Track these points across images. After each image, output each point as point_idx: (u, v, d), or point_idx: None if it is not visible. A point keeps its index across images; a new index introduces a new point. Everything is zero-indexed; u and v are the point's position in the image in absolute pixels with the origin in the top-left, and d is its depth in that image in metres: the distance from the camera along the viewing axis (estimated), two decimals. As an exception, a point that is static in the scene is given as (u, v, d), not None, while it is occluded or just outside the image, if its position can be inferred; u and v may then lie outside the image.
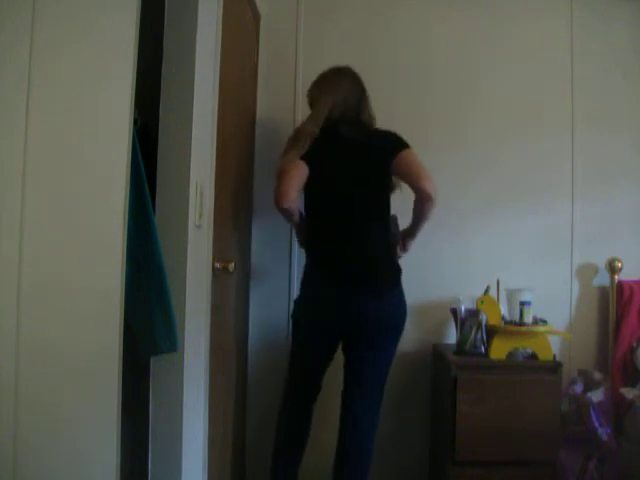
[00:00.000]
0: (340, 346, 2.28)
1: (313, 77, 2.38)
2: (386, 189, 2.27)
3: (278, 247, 2.63)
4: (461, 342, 2.43)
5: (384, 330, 2.20)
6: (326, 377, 2.33)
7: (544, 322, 2.44)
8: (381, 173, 2.22)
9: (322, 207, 2.25)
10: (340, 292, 2.13)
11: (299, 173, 2.17)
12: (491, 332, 2.40)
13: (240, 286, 2.48)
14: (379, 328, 2.18)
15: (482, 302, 2.40)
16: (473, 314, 2.43)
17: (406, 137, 2.32)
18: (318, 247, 2.25)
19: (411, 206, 2.22)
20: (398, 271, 2.24)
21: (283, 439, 2.30)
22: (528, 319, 2.38)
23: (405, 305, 2.24)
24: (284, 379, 2.35)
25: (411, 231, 2.33)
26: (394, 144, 2.21)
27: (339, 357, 2.29)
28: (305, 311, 2.23)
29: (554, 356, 2.39)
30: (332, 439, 2.24)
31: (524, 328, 2.37)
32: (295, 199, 2.17)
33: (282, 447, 2.30)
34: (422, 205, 2.17)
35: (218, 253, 1.95)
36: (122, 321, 1.28)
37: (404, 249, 2.39)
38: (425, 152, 2.69)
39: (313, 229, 2.28)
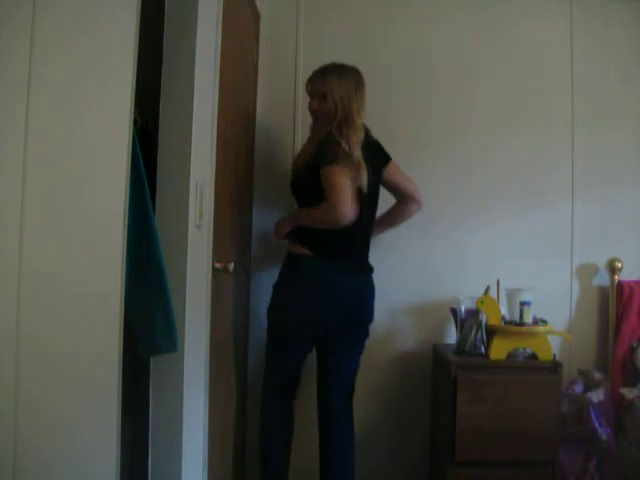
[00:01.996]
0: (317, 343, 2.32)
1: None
2: None
3: (278, 247, 2.62)
4: (461, 342, 2.43)
5: (371, 317, 2.33)
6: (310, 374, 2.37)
7: (544, 322, 2.44)
8: (380, 178, 2.31)
9: None
10: (353, 279, 2.22)
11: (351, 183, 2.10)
12: (491, 332, 2.40)
13: (240, 286, 2.48)
14: (370, 314, 2.31)
15: (482, 302, 2.40)
16: (473, 314, 2.43)
17: (406, 137, 2.34)
18: (337, 242, 2.19)
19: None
20: None
21: (272, 439, 2.32)
22: (528, 319, 2.38)
23: None
24: (264, 379, 2.35)
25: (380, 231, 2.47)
26: (385, 152, 2.33)
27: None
28: (311, 305, 2.19)
29: (554, 356, 2.39)
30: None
31: (524, 328, 2.37)
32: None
33: (272, 447, 2.32)
34: (411, 212, 2.42)
35: (218, 253, 1.96)
36: (122, 321, 1.28)
37: None
38: (425, 152, 2.71)
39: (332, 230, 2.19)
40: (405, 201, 2.42)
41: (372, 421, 2.67)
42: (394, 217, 2.47)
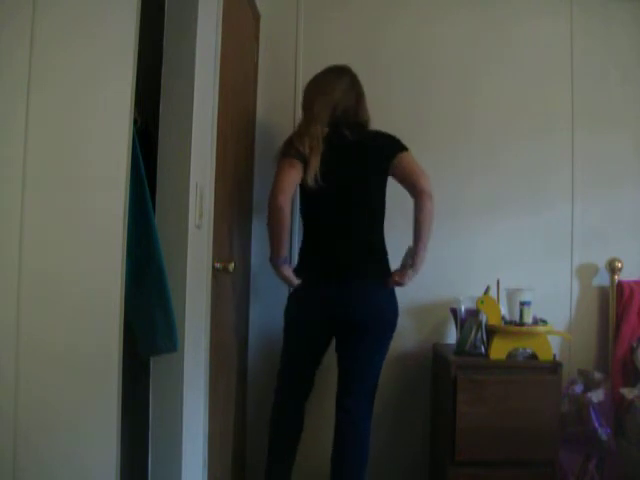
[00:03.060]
0: (334, 344, 2.31)
1: (313, 77, 2.39)
2: (383, 190, 2.29)
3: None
4: (461, 342, 2.43)
5: (378, 323, 2.23)
6: (324, 376, 2.34)
7: (544, 322, 2.44)
8: (380, 174, 2.27)
9: (323, 207, 2.25)
10: (335, 288, 2.17)
11: (294, 173, 2.18)
12: (491, 332, 2.40)
13: (240, 286, 2.48)
14: (373, 320, 2.22)
15: (482, 302, 2.40)
16: (473, 314, 2.43)
17: (406, 138, 2.32)
18: (316, 248, 2.26)
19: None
20: (387, 269, 2.27)
21: (275, 438, 2.32)
22: (528, 319, 2.38)
23: (394, 301, 2.27)
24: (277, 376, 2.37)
25: (416, 250, 2.23)
26: (394, 146, 2.27)
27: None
28: (301, 307, 2.26)
29: (554, 356, 2.39)
30: (330, 438, 2.24)
31: (524, 328, 2.37)
32: (290, 198, 2.20)
33: (274, 446, 2.32)
34: (423, 205, 2.20)
35: (218, 253, 1.95)
36: (122, 321, 1.28)
37: (403, 278, 2.25)
38: (425, 152, 2.70)
39: (310, 230, 2.30)
40: (414, 195, 2.23)
41: (372, 421, 2.67)
42: (415, 223, 2.24)
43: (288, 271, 2.25)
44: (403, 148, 2.26)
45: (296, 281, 2.25)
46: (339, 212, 2.22)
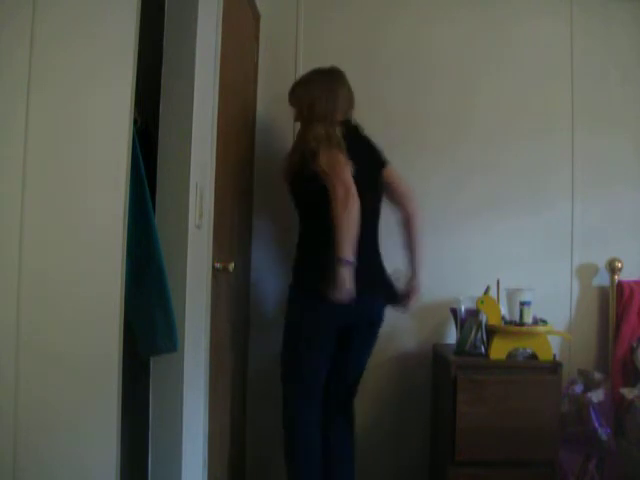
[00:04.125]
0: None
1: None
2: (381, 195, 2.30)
3: (278, 247, 2.62)
4: (461, 342, 2.43)
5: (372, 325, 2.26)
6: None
7: (544, 322, 2.44)
8: (382, 176, 2.27)
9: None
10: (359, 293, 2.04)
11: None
12: (491, 332, 2.40)
13: (240, 286, 2.48)
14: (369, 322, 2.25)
15: (482, 302, 2.40)
16: (473, 314, 2.43)
17: (406, 137, 2.34)
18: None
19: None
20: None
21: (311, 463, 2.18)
22: (528, 319, 2.38)
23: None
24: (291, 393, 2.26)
25: (415, 261, 2.28)
26: (383, 156, 2.29)
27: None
28: (322, 319, 2.15)
29: (554, 356, 2.39)
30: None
31: (524, 328, 2.37)
32: None
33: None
34: (411, 215, 2.27)
35: (218, 253, 1.96)
36: (122, 321, 1.28)
37: (415, 294, 2.28)
38: (425, 152, 2.71)
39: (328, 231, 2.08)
40: (402, 205, 2.28)
41: (372, 421, 2.67)
42: (405, 236, 2.31)
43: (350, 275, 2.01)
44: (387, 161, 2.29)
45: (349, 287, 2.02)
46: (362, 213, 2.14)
